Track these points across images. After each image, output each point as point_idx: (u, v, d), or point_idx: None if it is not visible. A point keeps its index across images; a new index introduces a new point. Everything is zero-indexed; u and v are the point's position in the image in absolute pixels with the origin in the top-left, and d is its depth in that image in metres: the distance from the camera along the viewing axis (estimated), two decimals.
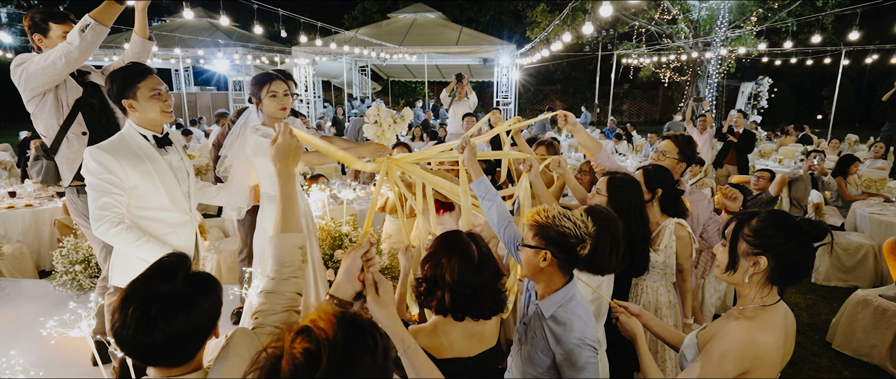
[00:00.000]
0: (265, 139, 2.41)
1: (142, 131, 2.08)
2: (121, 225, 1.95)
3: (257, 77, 2.53)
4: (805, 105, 24.53)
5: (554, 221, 1.56)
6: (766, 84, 16.82)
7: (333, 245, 3.42)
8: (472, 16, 25.26)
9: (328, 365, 0.81)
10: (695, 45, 15.82)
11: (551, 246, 1.55)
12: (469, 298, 1.52)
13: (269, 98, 2.47)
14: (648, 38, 17.48)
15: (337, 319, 0.87)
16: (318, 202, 3.50)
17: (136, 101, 2.02)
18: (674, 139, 2.71)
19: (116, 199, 1.96)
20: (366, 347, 0.87)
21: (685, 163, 2.71)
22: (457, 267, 1.51)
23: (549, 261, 1.56)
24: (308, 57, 13.46)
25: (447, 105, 7.61)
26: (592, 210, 1.84)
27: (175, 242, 2.17)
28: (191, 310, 1.03)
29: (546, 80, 27.08)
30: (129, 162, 1.99)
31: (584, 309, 1.60)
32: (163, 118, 2.10)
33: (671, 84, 19.96)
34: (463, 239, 1.58)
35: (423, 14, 15.21)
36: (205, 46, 13.14)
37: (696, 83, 17.28)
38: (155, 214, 2.11)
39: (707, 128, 7.46)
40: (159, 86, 2.06)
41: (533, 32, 17.18)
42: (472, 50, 13.36)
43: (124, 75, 2.01)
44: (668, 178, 2.44)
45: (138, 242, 1.98)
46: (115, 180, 1.96)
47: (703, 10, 15.68)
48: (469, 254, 1.54)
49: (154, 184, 2.06)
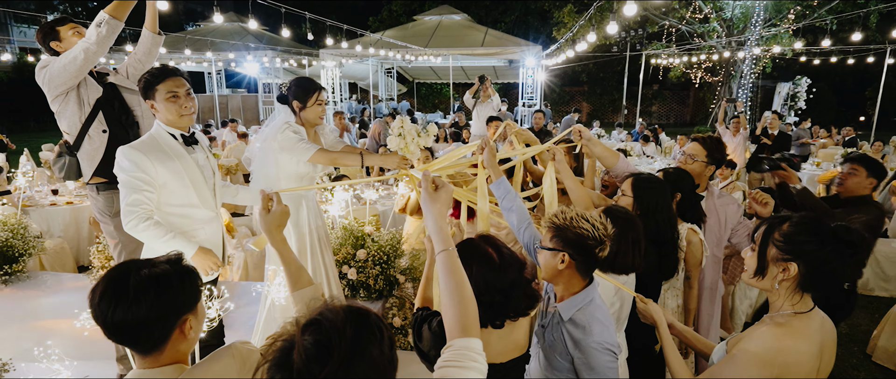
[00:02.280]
0: (296, 135, 2.47)
1: (170, 131, 2.15)
2: (149, 221, 2.01)
3: (304, 83, 2.58)
4: (846, 106, 23.48)
5: (572, 222, 1.54)
6: (804, 84, 16.20)
7: (356, 245, 3.46)
8: (497, 17, 25.18)
9: (339, 356, 0.84)
10: (728, 45, 15.36)
11: (569, 248, 1.53)
12: (501, 304, 1.45)
13: (316, 105, 2.56)
14: (679, 37, 17.07)
15: (345, 311, 0.91)
16: (342, 202, 3.54)
17: (156, 102, 2.10)
18: (701, 141, 2.61)
19: (147, 196, 2.03)
20: (373, 339, 0.90)
21: (714, 166, 2.62)
22: (480, 276, 1.43)
23: (568, 263, 1.54)
24: (335, 59, 13.67)
25: (471, 107, 7.60)
26: (610, 210, 1.81)
27: (202, 237, 2.24)
28: (163, 291, 1.09)
29: (572, 82, 26.73)
30: (159, 160, 2.06)
31: (603, 313, 1.57)
32: (180, 121, 2.14)
33: (702, 85, 19.43)
34: (478, 245, 1.51)
35: (448, 16, 15.27)
36: (236, 50, 13.51)
37: (728, 84, 16.78)
38: (184, 210, 2.18)
39: (740, 130, 7.23)
40: (177, 88, 2.10)
41: (559, 33, 17.00)
42: (497, 51, 13.33)
43: (148, 77, 2.09)
44: (687, 182, 2.38)
45: (165, 237, 2.04)
46: (146, 178, 2.03)
47: (736, 9, 15.22)
48: (488, 258, 1.47)
49: (183, 181, 2.13)
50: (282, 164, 2.58)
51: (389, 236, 3.52)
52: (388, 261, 3.42)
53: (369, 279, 3.33)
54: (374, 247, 3.45)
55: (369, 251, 3.41)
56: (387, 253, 3.41)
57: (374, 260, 3.38)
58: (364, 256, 3.39)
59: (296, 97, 2.54)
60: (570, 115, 10.87)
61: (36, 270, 4.24)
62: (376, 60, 16.79)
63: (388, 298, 3.59)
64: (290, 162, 2.56)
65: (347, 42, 11.60)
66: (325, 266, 2.75)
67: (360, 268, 3.36)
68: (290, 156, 2.51)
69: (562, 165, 2.37)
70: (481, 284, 1.40)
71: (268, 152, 2.58)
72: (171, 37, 14.79)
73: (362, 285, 3.37)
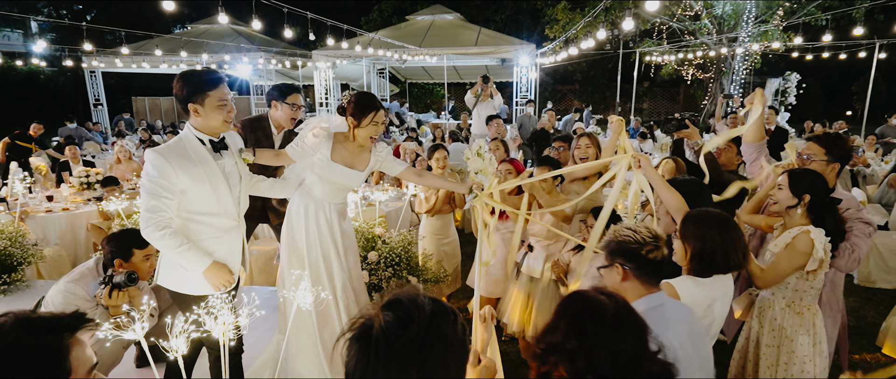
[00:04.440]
0: (326, 141, 2.44)
1: (199, 135, 2.09)
2: (165, 229, 1.97)
3: (364, 100, 2.43)
4: (834, 101, 23.82)
5: (614, 234, 1.60)
6: (793, 80, 16.38)
7: (366, 247, 3.41)
8: (488, 16, 25.16)
9: (416, 328, 0.95)
10: (719, 41, 15.49)
11: (618, 257, 1.56)
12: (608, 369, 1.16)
13: (371, 125, 2.43)
14: (670, 34, 17.18)
15: (423, 294, 1.03)
16: (351, 204, 3.49)
17: (202, 108, 2.04)
18: (817, 140, 2.44)
19: (165, 203, 1.99)
20: (447, 320, 1.01)
21: (837, 163, 2.41)
22: (590, 333, 1.16)
23: (624, 273, 1.56)
24: (328, 60, 13.57)
25: (472, 106, 7.58)
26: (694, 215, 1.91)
27: (220, 248, 2.17)
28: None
29: (564, 80, 26.81)
30: (181, 166, 2.01)
31: (671, 322, 1.49)
32: (224, 127, 2.13)
33: (693, 81, 19.58)
34: (590, 296, 1.25)
35: (441, 15, 15.21)
36: (229, 51, 13.35)
37: (720, 80, 16.92)
38: (202, 218, 2.12)
39: (738, 125, 7.27)
40: (227, 96, 2.09)
41: (552, 30, 17.03)
42: (491, 50, 13.30)
43: (197, 81, 2.03)
44: (818, 184, 2.18)
45: (180, 248, 1.99)
46: (166, 185, 1.98)
47: (727, 6, 15.35)
48: (600, 311, 1.20)
49: (203, 188, 2.08)
50: (309, 165, 2.55)
51: (400, 238, 3.48)
52: (400, 262, 3.37)
53: (382, 282, 3.29)
54: (386, 249, 3.40)
55: (381, 253, 3.37)
56: (399, 254, 3.36)
57: (386, 262, 3.34)
58: (376, 259, 3.34)
59: (353, 114, 2.43)
60: (571, 115, 10.89)
61: (34, 279, 4.13)
62: (369, 61, 16.68)
63: None
64: (316, 165, 2.51)
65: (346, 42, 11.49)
66: (350, 271, 2.70)
67: (372, 270, 3.32)
68: (319, 156, 2.48)
69: (649, 172, 2.26)
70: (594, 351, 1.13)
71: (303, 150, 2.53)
72: (167, 39, 14.60)
73: (374, 288, 3.32)
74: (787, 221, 2.27)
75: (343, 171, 2.50)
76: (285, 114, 3.12)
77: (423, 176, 2.84)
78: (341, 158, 2.49)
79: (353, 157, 2.53)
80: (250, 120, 3.22)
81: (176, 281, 2.17)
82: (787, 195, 2.19)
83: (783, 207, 2.22)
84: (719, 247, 1.79)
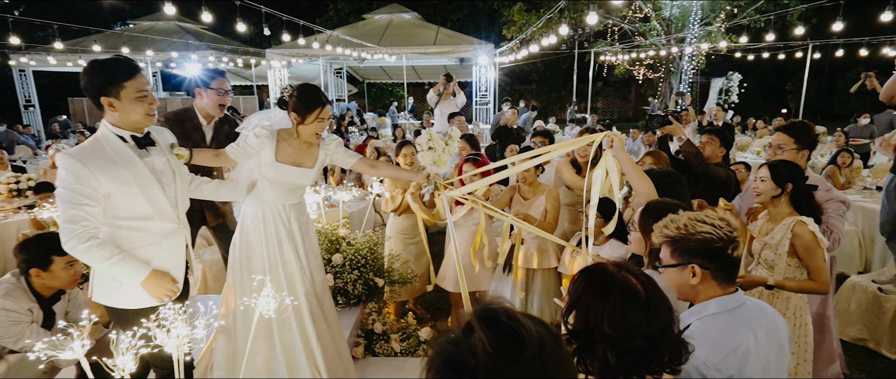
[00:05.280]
0: (268, 140, 2.26)
1: (119, 132, 1.87)
2: (91, 241, 1.74)
3: (307, 94, 2.23)
4: (770, 100, 25.35)
5: (687, 229, 1.37)
6: (736, 79, 17.27)
7: (330, 249, 3.28)
8: (445, 16, 25.17)
9: (530, 352, 0.73)
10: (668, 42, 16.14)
11: (697, 258, 1.37)
12: (644, 353, 1.11)
13: (316, 122, 2.26)
14: (622, 36, 17.75)
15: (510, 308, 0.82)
16: (312, 205, 3.35)
17: (117, 101, 1.81)
18: (785, 129, 2.53)
19: (87, 211, 1.75)
20: (555, 336, 0.80)
21: (807, 150, 2.52)
22: (621, 315, 1.11)
23: (701, 275, 1.37)
24: (283, 59, 13.15)
25: (434, 104, 7.51)
26: (653, 207, 1.80)
27: (159, 255, 1.96)
28: None
29: (522, 80, 27.23)
30: (101, 168, 1.78)
31: (752, 325, 1.36)
32: (146, 121, 1.90)
33: (643, 81, 20.32)
34: (615, 274, 1.17)
35: (398, 14, 15.08)
36: (178, 49, 12.67)
37: (669, 80, 17.63)
38: (135, 223, 1.90)
39: (690, 121, 7.58)
40: (147, 86, 1.87)
41: (509, 31, 17.23)
42: (450, 50, 13.29)
43: (110, 70, 1.80)
44: (798, 173, 2.26)
45: (111, 260, 1.78)
46: (86, 191, 1.75)
47: (674, 9, 16.00)
48: (632, 291, 1.13)
49: (131, 191, 1.85)
50: (255, 165, 2.37)
51: (366, 239, 3.37)
52: (366, 264, 3.26)
53: (347, 284, 3.16)
54: (351, 250, 3.28)
55: (346, 255, 3.24)
56: (365, 256, 3.25)
57: (352, 264, 3.22)
58: (340, 261, 3.21)
59: (296, 110, 2.24)
60: (529, 113, 11.03)
61: None
62: (326, 60, 16.32)
63: (367, 303, 3.43)
64: (260, 165, 2.32)
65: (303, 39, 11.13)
66: (314, 283, 2.52)
67: (337, 273, 3.19)
68: (262, 156, 2.29)
69: (620, 153, 2.20)
70: (621, 327, 1.10)
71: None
72: (106, 34, 13.69)
73: (340, 291, 3.19)
74: (772, 211, 2.32)
75: (291, 170, 2.31)
76: (212, 101, 2.90)
77: (376, 167, 2.68)
78: (288, 157, 2.31)
79: (301, 154, 2.34)
80: (175, 113, 2.97)
81: (112, 295, 1.94)
82: (771, 186, 2.25)
83: (767, 198, 2.28)
84: None
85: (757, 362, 1.34)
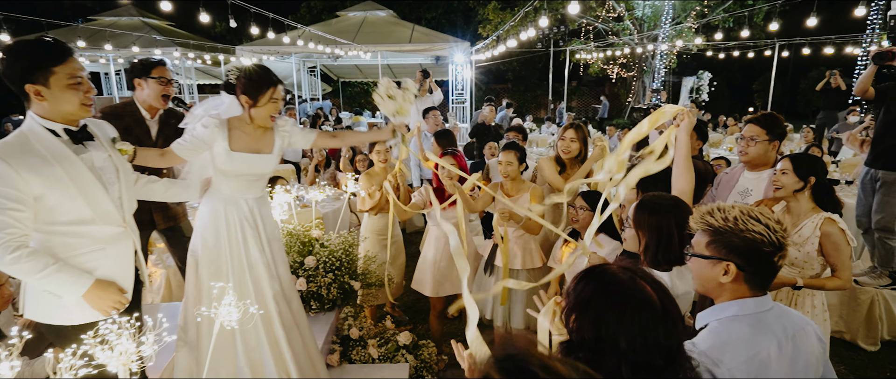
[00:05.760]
0: (220, 130, 2.07)
1: (49, 125, 1.63)
2: (19, 251, 1.52)
3: (258, 74, 2.07)
4: (738, 99, 26.08)
5: (736, 224, 1.23)
6: (706, 78, 17.65)
7: (303, 251, 3.11)
8: (420, 14, 25.01)
9: None
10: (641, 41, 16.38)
11: (736, 257, 1.24)
12: (659, 370, 1.00)
13: (270, 103, 2.10)
14: (596, 35, 17.94)
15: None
16: (284, 205, 3.17)
17: (46, 89, 1.58)
18: (756, 121, 2.51)
19: (13, 216, 1.53)
20: None
21: (777, 141, 2.52)
22: (637, 326, 0.99)
23: (734, 275, 1.25)
24: (254, 56, 12.76)
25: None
26: (649, 202, 1.73)
27: (104, 263, 1.74)
28: None
29: (498, 79, 27.30)
30: (28, 167, 1.56)
31: (775, 332, 1.25)
32: (82, 112, 1.69)
33: (617, 80, 20.61)
34: (627, 281, 1.05)
35: (373, 12, 14.86)
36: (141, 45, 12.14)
37: (642, 79, 17.89)
38: (74, 229, 1.67)
39: None
40: (81, 71, 1.66)
41: (484, 30, 17.21)
42: (425, 47, 13.14)
43: (34, 52, 1.58)
44: (819, 167, 2.23)
45: (45, 272, 1.56)
46: (11, 193, 1.53)
47: (646, 9, 16.24)
48: (649, 303, 1.02)
49: (66, 192, 1.63)
50: (208, 159, 2.17)
51: (340, 240, 3.21)
52: (341, 267, 3.10)
53: (321, 289, 3.00)
54: (324, 252, 3.12)
55: (319, 258, 3.08)
56: (339, 258, 3.09)
57: (326, 267, 3.05)
58: (313, 264, 3.05)
59: (246, 93, 2.06)
60: (505, 110, 10.99)
61: None
62: (299, 58, 15.95)
63: (342, 308, 3.27)
64: (214, 158, 2.14)
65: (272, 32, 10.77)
66: (282, 284, 2.35)
67: (310, 276, 3.02)
68: (216, 151, 2.11)
69: (684, 136, 2.00)
70: (639, 341, 0.98)
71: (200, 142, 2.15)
72: (62, 30, 13.02)
73: (314, 296, 3.02)
74: (793, 206, 2.26)
75: (250, 159, 2.13)
76: (154, 92, 2.66)
77: (337, 137, 2.57)
78: (243, 145, 2.12)
79: (257, 140, 2.17)
80: (112, 107, 2.74)
81: (48, 311, 1.71)
82: (793, 179, 2.19)
83: (789, 192, 2.23)
84: (675, 235, 1.70)
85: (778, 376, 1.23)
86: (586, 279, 1.09)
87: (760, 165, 2.56)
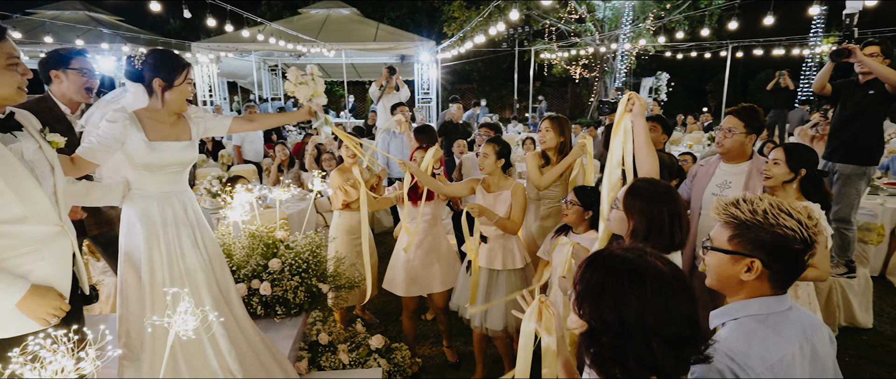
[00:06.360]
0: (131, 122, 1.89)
1: None
2: None
3: (169, 56, 1.96)
4: (692, 99, 27.13)
5: (767, 217, 1.14)
6: (664, 79, 18.24)
7: (267, 254, 2.93)
8: (384, 13, 24.75)
9: None
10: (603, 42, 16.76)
11: (762, 253, 1.15)
12: (688, 339, 0.98)
13: (186, 83, 1.97)
14: (559, 36, 18.25)
15: None
16: (245, 205, 2.98)
17: None
18: (735, 113, 2.50)
19: None
20: None
21: (754, 134, 2.51)
22: (661, 300, 0.96)
23: (758, 272, 1.16)
24: (212, 54, 12.24)
25: (376, 99, 7.21)
26: (642, 186, 1.69)
27: (40, 266, 1.54)
28: None
29: (463, 79, 27.38)
30: None
31: (794, 331, 1.19)
32: (17, 96, 1.51)
33: (579, 81, 21.04)
34: (634, 258, 1.03)
35: (336, 10, 14.56)
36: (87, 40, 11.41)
37: (603, 79, 18.32)
38: (3, 228, 1.48)
39: None
40: (17, 51, 1.48)
41: (450, 28, 17.19)
42: (391, 46, 12.98)
43: None
44: (812, 157, 2.21)
45: None
46: None
47: (607, 10, 16.64)
48: (661, 274, 1.00)
49: None
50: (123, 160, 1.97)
51: (307, 241, 3.04)
52: (308, 269, 2.94)
53: (288, 293, 2.83)
54: (290, 254, 2.95)
55: (285, 260, 2.91)
56: (306, 260, 2.93)
57: (292, 269, 2.89)
58: (278, 266, 2.87)
59: (161, 75, 1.91)
60: (473, 109, 10.99)
61: None
62: (259, 56, 15.45)
63: (310, 312, 3.11)
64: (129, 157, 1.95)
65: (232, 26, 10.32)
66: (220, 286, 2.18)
67: (275, 280, 2.85)
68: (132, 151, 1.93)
69: (639, 120, 1.98)
70: (663, 312, 0.96)
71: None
72: None
73: (279, 301, 2.85)
74: (780, 195, 2.26)
75: (173, 147, 1.98)
76: (75, 84, 2.46)
77: (254, 119, 2.57)
78: (162, 134, 1.97)
79: (174, 128, 2.03)
80: (27, 104, 2.48)
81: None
82: (784, 170, 2.19)
83: (778, 182, 2.21)
84: (667, 223, 1.67)
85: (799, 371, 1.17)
86: (594, 266, 1.05)
87: (737, 157, 2.57)
